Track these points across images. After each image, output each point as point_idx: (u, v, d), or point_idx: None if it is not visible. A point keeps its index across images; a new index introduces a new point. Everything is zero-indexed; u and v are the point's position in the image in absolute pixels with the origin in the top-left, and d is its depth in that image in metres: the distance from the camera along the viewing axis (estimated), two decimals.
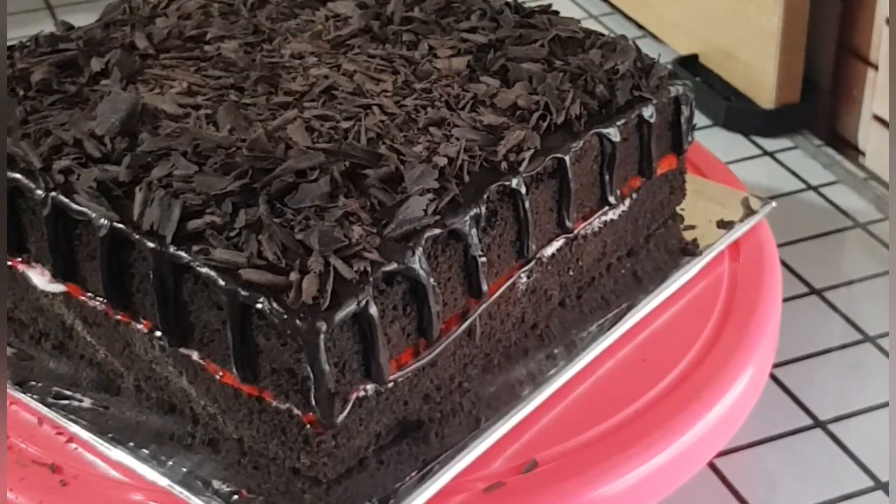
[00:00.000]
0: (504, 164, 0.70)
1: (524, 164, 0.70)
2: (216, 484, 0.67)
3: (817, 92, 1.18)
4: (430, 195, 0.66)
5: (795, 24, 1.13)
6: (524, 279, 0.74)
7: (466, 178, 0.68)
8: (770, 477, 0.82)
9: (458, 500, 0.67)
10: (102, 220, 0.67)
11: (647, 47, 0.97)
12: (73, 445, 0.71)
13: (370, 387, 0.65)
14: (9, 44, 0.82)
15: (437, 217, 0.66)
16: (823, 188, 1.10)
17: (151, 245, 0.65)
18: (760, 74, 1.16)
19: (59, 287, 0.73)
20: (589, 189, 0.77)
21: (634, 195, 0.81)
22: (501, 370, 0.74)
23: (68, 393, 0.74)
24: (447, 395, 0.71)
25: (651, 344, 0.78)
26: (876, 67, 1.10)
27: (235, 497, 0.67)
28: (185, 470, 0.68)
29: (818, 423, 0.86)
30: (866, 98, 1.12)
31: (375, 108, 0.73)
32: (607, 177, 0.77)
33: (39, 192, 0.69)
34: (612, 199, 0.78)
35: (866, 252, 1.03)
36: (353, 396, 0.64)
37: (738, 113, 1.18)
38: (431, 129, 0.71)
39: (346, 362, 0.63)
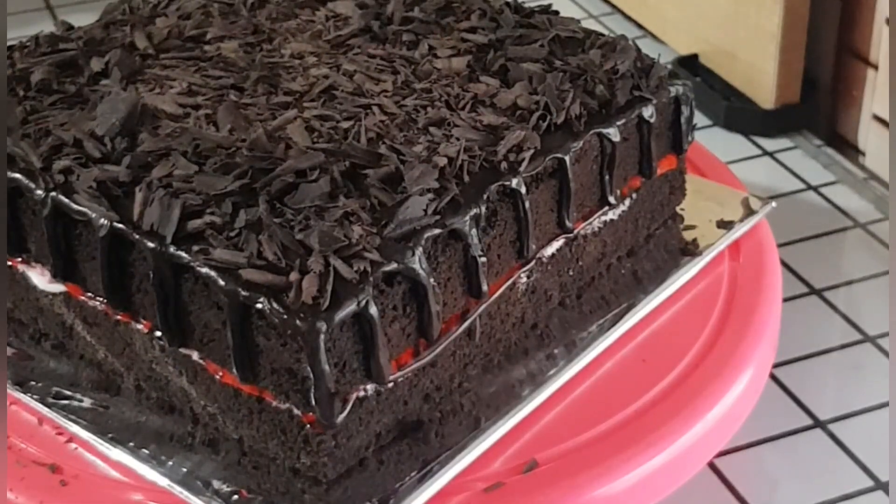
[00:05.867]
0: (504, 164, 0.70)
1: (524, 164, 0.70)
2: (216, 484, 0.67)
3: (817, 92, 1.18)
4: (430, 195, 0.66)
5: (795, 24, 1.13)
6: (524, 279, 0.74)
7: (466, 178, 0.68)
8: (770, 477, 0.82)
9: (458, 500, 0.67)
10: (102, 220, 0.67)
11: (647, 47, 0.97)
12: (73, 445, 0.71)
13: (370, 387, 0.65)
14: (9, 44, 0.82)
15: (437, 217, 0.66)
16: (823, 188, 1.10)
17: (151, 245, 0.65)
18: (760, 74, 1.16)
19: (59, 287, 0.73)
20: (589, 189, 0.77)
21: (634, 195, 0.81)
22: (501, 370, 0.74)
23: (68, 393, 0.74)
24: (447, 395, 0.71)
25: (651, 344, 0.78)
26: (876, 67, 1.10)
27: (235, 497, 0.67)
28: (185, 470, 0.68)
29: (818, 423, 0.86)
30: (866, 98, 1.12)
31: (375, 108, 0.73)
32: (607, 177, 0.77)
33: (39, 192, 0.69)
34: (612, 199, 0.78)
35: (866, 252, 1.03)
36: (353, 396, 0.64)
37: (738, 113, 1.18)
38: (431, 129, 0.71)
39: (346, 362, 0.63)
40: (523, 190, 0.70)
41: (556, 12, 0.86)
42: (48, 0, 1.44)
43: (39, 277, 0.74)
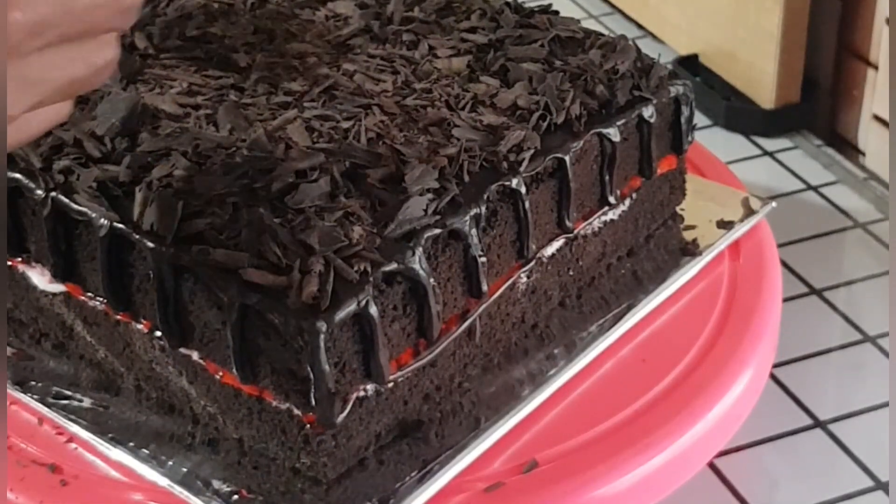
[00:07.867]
0: (504, 164, 0.70)
1: (524, 164, 0.70)
2: (216, 484, 0.67)
3: (817, 92, 1.17)
4: (430, 195, 0.66)
5: (795, 24, 1.13)
6: (524, 279, 0.74)
7: (466, 178, 0.68)
8: (770, 477, 0.82)
9: (458, 500, 0.67)
10: (102, 220, 0.67)
11: (647, 47, 0.97)
12: (73, 445, 0.71)
13: (370, 387, 0.65)
14: None
15: (437, 217, 0.66)
16: (823, 188, 1.10)
17: (151, 245, 0.65)
18: (760, 74, 1.16)
19: (59, 287, 0.73)
20: (589, 189, 0.77)
21: (634, 195, 0.81)
22: (501, 370, 0.74)
23: (68, 393, 0.74)
24: (447, 395, 0.71)
25: (651, 344, 0.78)
26: (876, 67, 1.10)
27: (235, 497, 0.67)
28: (185, 470, 0.68)
29: (818, 423, 0.86)
30: (866, 98, 1.12)
31: (375, 108, 0.73)
32: (607, 177, 0.77)
33: (39, 192, 0.69)
34: (612, 199, 0.78)
35: (866, 252, 1.03)
36: (353, 396, 0.64)
37: (738, 113, 1.18)
38: (431, 129, 0.71)
39: (346, 362, 0.63)
40: (523, 190, 0.70)
41: (556, 12, 0.86)
42: None
43: (39, 277, 0.74)
